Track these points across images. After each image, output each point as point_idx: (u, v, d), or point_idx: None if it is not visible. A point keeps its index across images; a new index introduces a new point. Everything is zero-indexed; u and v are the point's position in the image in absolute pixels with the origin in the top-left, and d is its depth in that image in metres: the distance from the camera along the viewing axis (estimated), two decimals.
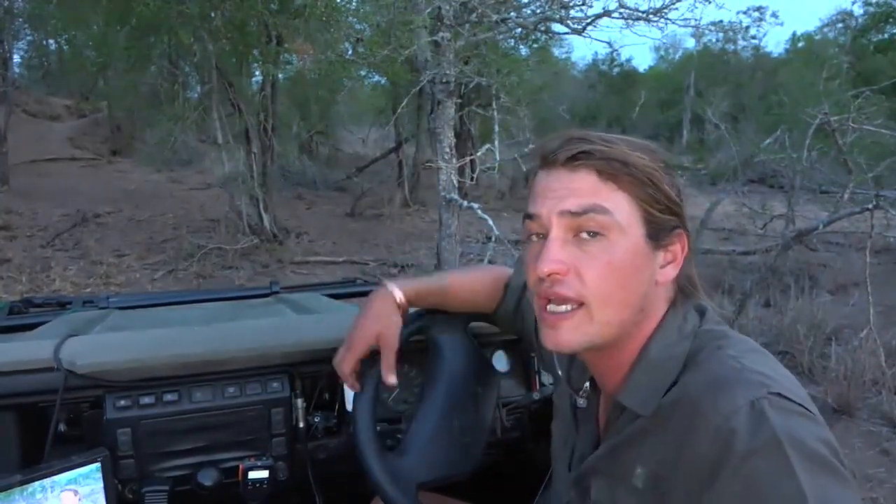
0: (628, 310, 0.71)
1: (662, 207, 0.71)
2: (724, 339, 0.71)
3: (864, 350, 3.87)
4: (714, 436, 0.61)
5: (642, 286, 0.71)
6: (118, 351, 1.12)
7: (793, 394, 0.63)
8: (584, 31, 4.35)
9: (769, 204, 7.66)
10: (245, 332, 1.26)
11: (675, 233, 0.73)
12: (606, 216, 0.69)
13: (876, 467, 3.05)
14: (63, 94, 16.66)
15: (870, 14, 20.23)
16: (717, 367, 0.67)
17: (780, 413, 0.60)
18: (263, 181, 7.56)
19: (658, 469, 0.68)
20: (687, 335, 0.73)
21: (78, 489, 0.98)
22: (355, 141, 15.37)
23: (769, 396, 0.61)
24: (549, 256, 0.69)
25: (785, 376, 0.67)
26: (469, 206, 4.16)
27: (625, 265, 0.69)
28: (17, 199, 8.76)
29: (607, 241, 0.69)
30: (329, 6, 6.36)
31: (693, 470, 0.62)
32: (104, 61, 9.38)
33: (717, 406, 0.62)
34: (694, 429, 0.63)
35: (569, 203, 0.70)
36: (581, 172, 0.70)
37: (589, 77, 29.64)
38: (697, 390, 0.66)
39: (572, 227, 0.70)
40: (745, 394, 0.62)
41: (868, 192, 4.93)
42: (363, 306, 1.03)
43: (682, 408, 0.66)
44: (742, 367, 0.65)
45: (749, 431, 0.59)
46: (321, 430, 1.23)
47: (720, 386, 0.64)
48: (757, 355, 0.69)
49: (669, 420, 0.68)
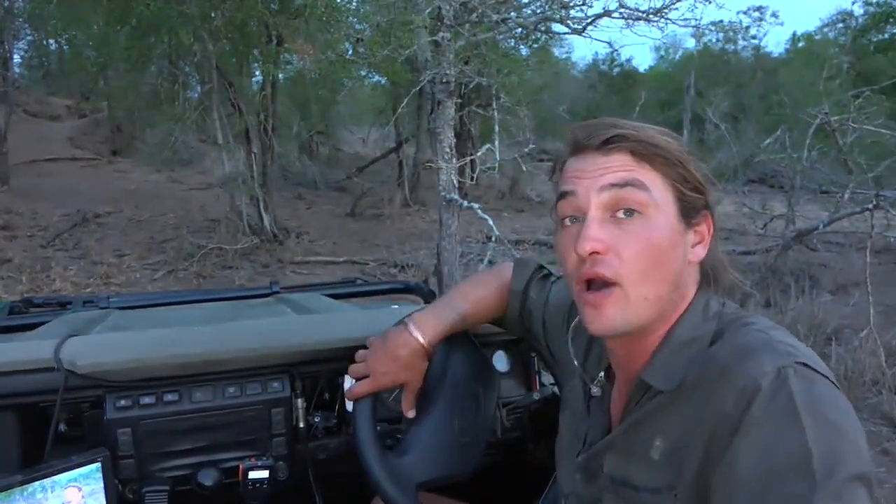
0: (666, 286, 0.72)
1: (692, 187, 0.73)
2: (749, 318, 0.73)
3: (864, 350, 3.87)
4: (739, 396, 0.63)
5: (677, 263, 0.73)
6: (118, 351, 1.12)
7: (818, 366, 0.65)
8: (585, 31, 4.34)
9: (769, 204, 7.67)
10: (245, 332, 1.26)
11: (703, 213, 0.75)
12: (644, 192, 0.70)
13: (876, 467, 3.04)
14: (63, 94, 16.66)
15: (870, 14, 20.22)
16: (745, 337, 0.69)
17: (803, 381, 0.62)
18: (263, 181, 7.57)
19: (678, 439, 0.69)
20: (711, 317, 0.75)
21: (78, 489, 0.98)
22: (355, 141, 15.38)
23: (795, 365, 0.63)
24: (590, 235, 0.70)
25: (810, 351, 0.68)
26: (469, 206, 4.16)
27: (662, 242, 0.71)
28: (17, 199, 8.76)
29: (644, 218, 0.70)
30: (329, 6, 6.37)
31: (714, 429, 0.64)
32: (104, 61, 9.38)
33: (744, 370, 0.64)
34: (720, 391, 0.65)
35: (609, 178, 0.71)
36: (615, 154, 0.72)
37: (589, 77, 29.63)
38: (725, 358, 0.67)
39: (610, 203, 0.71)
40: (773, 361, 0.64)
41: (868, 192, 4.93)
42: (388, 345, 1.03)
43: (709, 375, 0.68)
44: (770, 337, 0.67)
45: (771, 392, 0.61)
46: (321, 430, 1.23)
47: (748, 353, 0.66)
48: (781, 331, 0.70)
49: (694, 390, 0.69)
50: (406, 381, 1.04)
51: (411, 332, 1.02)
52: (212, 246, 6.88)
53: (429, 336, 1.02)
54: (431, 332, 1.03)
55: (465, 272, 4.69)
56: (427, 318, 1.05)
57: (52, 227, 7.81)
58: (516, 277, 1.10)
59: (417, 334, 1.02)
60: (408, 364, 1.02)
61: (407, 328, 1.03)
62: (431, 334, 1.03)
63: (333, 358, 1.21)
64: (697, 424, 0.66)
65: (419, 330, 1.02)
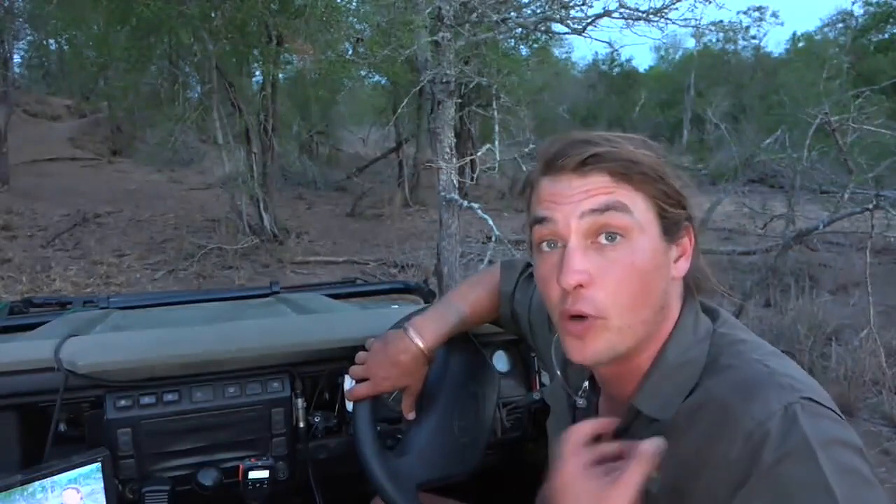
0: (651, 310, 0.69)
1: (673, 202, 0.69)
2: (742, 342, 0.70)
3: (864, 350, 3.87)
4: (746, 441, 0.59)
5: (663, 283, 0.70)
6: (118, 351, 1.12)
7: (822, 398, 0.62)
8: (585, 31, 4.34)
9: (769, 204, 7.67)
10: (245, 332, 1.26)
11: (684, 225, 0.72)
12: (626, 215, 0.67)
13: (876, 467, 3.04)
14: (63, 94, 16.68)
15: (870, 14, 20.23)
16: (745, 369, 0.65)
17: (812, 418, 0.59)
18: (264, 181, 7.57)
19: (677, 475, 0.65)
20: (703, 338, 0.71)
21: (78, 489, 0.98)
22: (355, 141, 15.38)
23: (801, 401, 0.60)
24: (573, 267, 0.66)
25: (810, 380, 0.65)
26: (469, 206, 4.16)
27: (647, 266, 0.67)
28: (17, 199, 8.76)
29: (628, 242, 0.67)
30: (329, 6, 6.37)
31: (720, 475, 0.60)
32: (104, 61, 9.37)
33: (749, 411, 0.60)
34: (723, 433, 0.61)
35: (588, 203, 0.67)
36: (593, 175, 0.67)
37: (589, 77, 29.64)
38: (725, 394, 0.64)
39: (592, 230, 0.67)
40: (779, 398, 0.60)
41: (868, 192, 4.93)
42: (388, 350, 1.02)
43: (709, 412, 0.64)
44: (771, 370, 0.64)
45: (782, 435, 0.58)
46: (321, 430, 1.23)
47: (751, 389, 0.62)
48: (779, 358, 0.67)
49: (692, 425, 0.65)
50: (406, 385, 1.03)
51: (412, 337, 1.01)
52: (212, 246, 6.88)
53: (429, 342, 1.02)
54: (432, 338, 1.02)
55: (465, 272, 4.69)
56: (427, 322, 1.04)
57: (52, 227, 7.81)
58: (504, 279, 1.09)
59: (418, 340, 1.01)
60: (408, 369, 1.01)
61: (407, 333, 1.02)
62: (432, 339, 1.02)
63: (333, 358, 1.21)
64: (699, 466, 0.63)
65: (419, 335, 1.01)
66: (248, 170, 7.31)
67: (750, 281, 5.36)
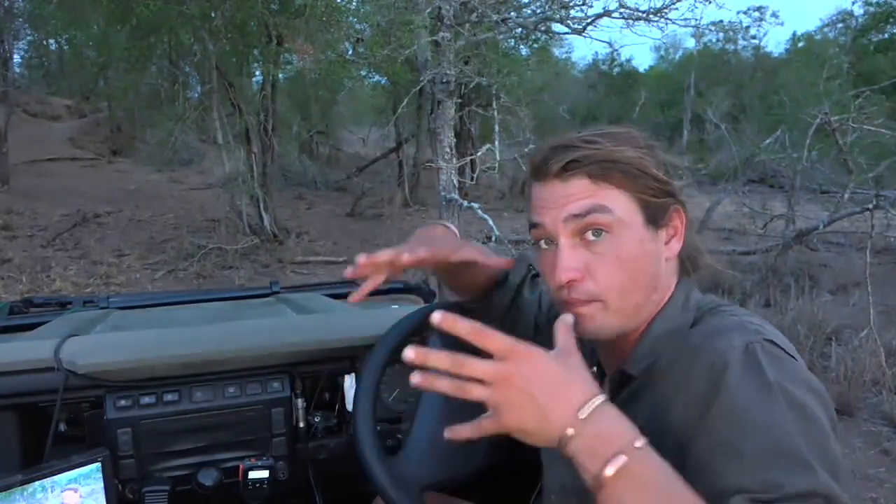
0: (644, 292, 0.75)
1: (655, 191, 0.73)
2: (726, 306, 0.77)
3: (864, 350, 3.87)
4: (709, 371, 0.64)
5: (653, 267, 0.75)
6: (118, 351, 1.12)
7: (786, 345, 0.67)
8: (585, 31, 4.35)
9: (769, 204, 7.66)
10: (245, 332, 1.26)
11: (672, 209, 0.76)
12: (607, 214, 0.72)
13: (876, 467, 3.05)
14: (63, 94, 16.67)
15: (870, 14, 20.23)
16: (717, 320, 0.72)
17: (770, 356, 0.64)
18: (264, 181, 7.56)
19: (652, 419, 0.68)
20: (691, 308, 0.77)
21: (77, 489, 0.98)
22: (355, 141, 15.38)
23: (763, 342, 0.65)
24: (564, 265, 0.72)
25: (780, 333, 0.70)
26: (469, 206, 4.16)
27: (633, 256, 0.73)
28: (17, 199, 8.76)
29: (613, 236, 0.72)
30: (329, 6, 6.37)
31: (687, 404, 0.65)
32: (104, 61, 9.38)
33: (713, 347, 0.66)
34: (691, 371, 0.67)
35: (570, 208, 0.72)
36: (574, 180, 0.73)
37: (589, 77, 29.64)
38: (696, 340, 0.71)
39: (578, 230, 0.73)
40: (742, 337, 0.66)
41: (868, 192, 4.94)
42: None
43: (681, 357, 0.70)
44: (741, 320, 0.70)
45: (742, 367, 0.63)
46: (321, 430, 1.23)
47: (718, 332, 0.69)
48: (756, 318, 0.72)
49: (667, 372, 0.71)
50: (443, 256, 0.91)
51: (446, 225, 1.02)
52: (212, 246, 6.87)
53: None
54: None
55: None
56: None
57: (52, 227, 7.81)
58: (516, 270, 1.08)
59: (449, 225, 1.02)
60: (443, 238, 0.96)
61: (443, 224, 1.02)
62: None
63: (333, 358, 1.21)
64: (672, 404, 0.68)
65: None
66: (248, 170, 7.31)
67: (750, 281, 5.36)
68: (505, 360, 0.60)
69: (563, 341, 0.65)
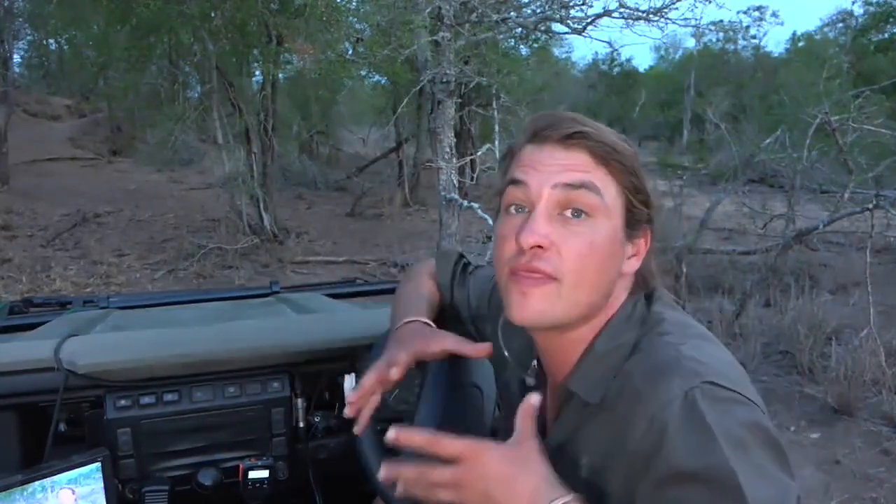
0: (597, 294, 0.72)
1: (642, 198, 0.72)
2: (664, 323, 0.72)
3: (864, 350, 3.87)
4: (649, 426, 0.63)
5: (612, 273, 0.72)
6: (118, 351, 1.12)
7: (726, 379, 0.64)
8: (585, 31, 4.35)
9: (769, 204, 7.65)
10: (245, 332, 1.26)
11: (644, 227, 0.74)
12: (597, 196, 0.69)
13: (876, 467, 3.05)
14: (63, 94, 16.68)
15: (870, 14, 20.24)
16: (656, 354, 0.68)
17: (710, 401, 0.62)
18: (263, 181, 7.56)
19: (601, 458, 0.69)
20: (634, 324, 0.74)
21: (78, 489, 0.98)
22: (355, 141, 15.38)
23: (702, 385, 0.63)
24: (536, 229, 0.68)
25: (721, 360, 0.68)
26: (469, 205, 4.16)
27: (603, 249, 0.70)
28: (17, 198, 8.76)
29: (592, 221, 0.70)
30: (329, 6, 6.37)
31: (630, 459, 0.64)
32: (104, 61, 9.38)
33: (654, 396, 0.64)
34: (633, 418, 0.65)
35: (564, 177, 0.69)
36: (575, 151, 0.70)
37: (589, 77, 29.67)
38: (638, 379, 0.67)
39: (561, 202, 0.70)
40: (681, 383, 0.63)
41: (868, 191, 4.93)
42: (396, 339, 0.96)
43: (625, 396, 0.68)
44: (679, 355, 0.66)
45: (680, 421, 0.61)
46: (321, 430, 1.23)
47: (657, 375, 0.65)
48: (696, 340, 0.70)
49: (614, 408, 0.69)
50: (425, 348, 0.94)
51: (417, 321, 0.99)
52: (212, 246, 6.87)
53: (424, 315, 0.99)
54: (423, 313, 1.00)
55: None
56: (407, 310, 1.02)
57: (52, 227, 7.81)
58: (440, 270, 1.09)
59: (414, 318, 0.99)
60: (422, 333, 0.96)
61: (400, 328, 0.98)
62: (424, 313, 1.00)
63: (333, 358, 1.21)
64: (617, 449, 0.66)
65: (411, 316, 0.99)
66: (248, 170, 7.31)
67: (750, 281, 5.36)
68: (458, 464, 0.63)
69: (521, 428, 0.66)
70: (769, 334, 4.50)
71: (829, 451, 3.18)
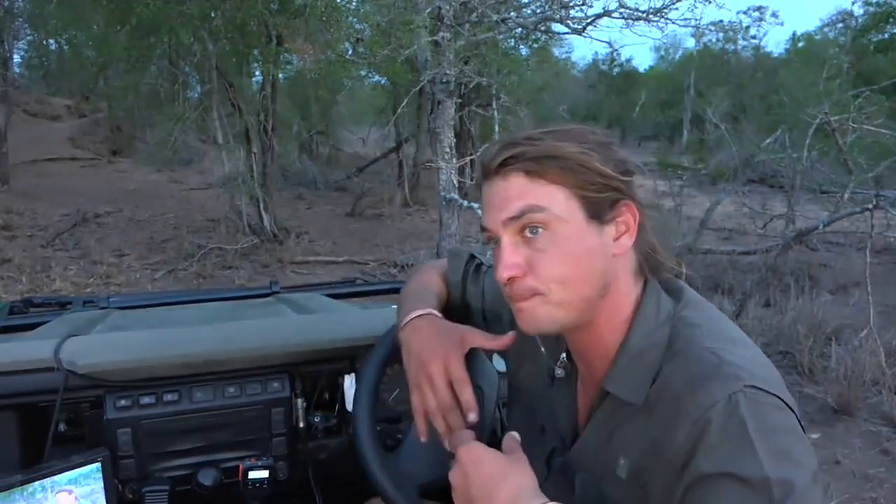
0: (588, 287, 0.74)
1: (598, 186, 0.73)
2: (697, 327, 0.74)
3: (864, 350, 3.87)
4: (691, 427, 0.65)
5: (598, 263, 0.74)
6: (118, 351, 1.12)
7: (768, 384, 0.66)
8: (585, 31, 4.35)
9: (769, 204, 7.66)
10: (245, 332, 1.26)
11: (621, 205, 0.74)
12: (542, 213, 0.72)
13: (876, 467, 3.05)
14: (63, 94, 16.69)
15: (870, 14, 20.23)
16: (697, 361, 0.70)
17: (753, 405, 0.64)
18: (263, 181, 7.56)
19: (640, 460, 0.71)
20: (664, 320, 0.76)
21: (78, 489, 0.98)
22: (355, 141, 15.37)
23: (744, 390, 0.65)
24: (504, 262, 0.74)
25: (761, 365, 0.70)
26: (469, 205, 4.16)
27: (573, 251, 0.72)
28: (17, 198, 8.76)
29: (550, 233, 0.72)
30: (329, 6, 6.37)
31: (671, 459, 0.66)
32: (104, 61, 9.39)
33: (696, 401, 0.66)
34: (674, 422, 0.67)
35: (508, 210, 0.73)
36: (511, 177, 0.73)
37: (589, 77, 29.69)
38: (679, 385, 0.69)
39: (517, 229, 0.74)
40: (723, 387, 0.65)
41: (868, 191, 4.93)
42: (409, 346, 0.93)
43: (665, 400, 0.69)
44: (720, 360, 0.68)
45: (723, 421, 0.63)
46: (321, 430, 1.22)
47: (699, 380, 0.67)
48: (732, 345, 0.71)
49: (653, 411, 0.71)
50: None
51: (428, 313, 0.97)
52: (212, 246, 6.88)
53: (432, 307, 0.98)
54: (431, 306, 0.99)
55: None
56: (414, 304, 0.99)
57: (52, 227, 7.81)
58: (452, 268, 1.10)
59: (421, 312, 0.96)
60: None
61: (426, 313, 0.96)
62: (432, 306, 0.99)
63: (333, 358, 1.21)
64: (656, 452, 0.68)
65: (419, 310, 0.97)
66: (248, 170, 7.31)
67: (750, 281, 5.36)
68: (457, 463, 0.74)
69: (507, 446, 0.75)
70: (769, 334, 4.50)
71: (829, 451, 3.18)
